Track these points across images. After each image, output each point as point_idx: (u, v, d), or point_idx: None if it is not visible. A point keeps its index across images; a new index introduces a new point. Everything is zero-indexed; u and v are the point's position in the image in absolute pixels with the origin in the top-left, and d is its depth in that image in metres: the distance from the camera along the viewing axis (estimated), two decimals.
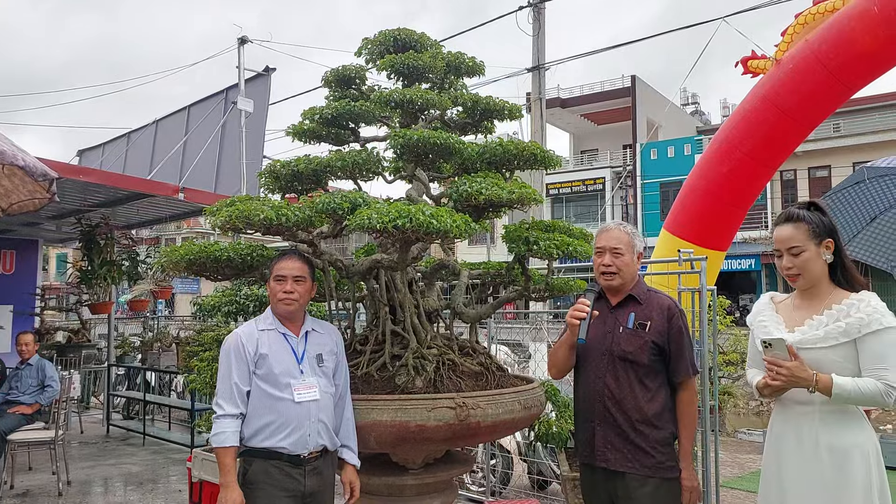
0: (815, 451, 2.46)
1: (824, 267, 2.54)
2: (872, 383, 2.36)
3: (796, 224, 2.55)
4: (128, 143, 12.29)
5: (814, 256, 2.52)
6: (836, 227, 2.57)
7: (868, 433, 2.46)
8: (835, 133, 28.12)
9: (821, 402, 2.45)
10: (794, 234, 2.54)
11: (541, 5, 11.09)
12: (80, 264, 9.39)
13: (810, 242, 2.52)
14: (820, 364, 2.45)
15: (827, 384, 2.39)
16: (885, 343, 2.39)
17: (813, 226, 2.53)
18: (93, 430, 9.17)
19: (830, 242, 2.52)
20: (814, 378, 2.40)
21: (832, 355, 2.45)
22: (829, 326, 2.46)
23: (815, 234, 2.52)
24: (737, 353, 11.88)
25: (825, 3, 7.39)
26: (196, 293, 36.12)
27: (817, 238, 2.52)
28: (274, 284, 2.84)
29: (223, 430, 2.69)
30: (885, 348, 2.38)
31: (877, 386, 2.36)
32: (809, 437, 2.48)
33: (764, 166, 8.01)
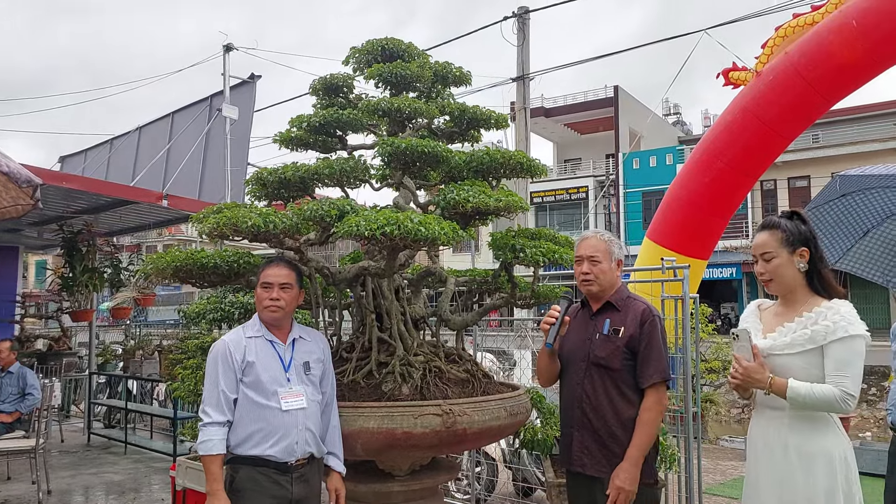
0: (784, 455, 2.51)
1: (797, 274, 2.58)
2: (829, 389, 2.40)
3: (771, 231, 2.61)
4: (110, 149, 12.21)
5: (785, 263, 2.57)
6: (813, 237, 2.61)
7: (836, 439, 2.49)
8: (814, 144, 28.54)
9: (791, 408, 2.50)
10: (767, 240, 2.61)
11: (525, 16, 11.19)
12: (61, 271, 9.30)
13: (783, 250, 2.57)
14: (788, 370, 2.50)
15: (781, 387, 2.45)
16: (847, 351, 2.43)
17: (787, 234, 2.58)
18: (73, 439, 9.05)
19: (805, 251, 2.56)
20: (768, 380, 2.47)
21: (799, 361, 2.50)
22: (796, 333, 2.52)
23: (789, 241, 2.57)
24: (718, 360, 11.99)
25: (805, 16, 7.53)
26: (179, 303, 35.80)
27: (790, 246, 2.57)
28: (260, 291, 2.84)
29: (210, 437, 2.68)
30: (847, 356, 2.43)
31: (833, 392, 2.39)
32: (779, 441, 2.53)
33: (745, 176, 8.12)
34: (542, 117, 33.67)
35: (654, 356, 2.85)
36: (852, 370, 2.42)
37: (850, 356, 2.43)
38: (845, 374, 2.41)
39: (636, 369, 2.87)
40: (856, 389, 2.41)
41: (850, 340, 2.43)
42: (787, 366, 2.51)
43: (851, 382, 2.40)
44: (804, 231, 2.60)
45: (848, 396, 2.39)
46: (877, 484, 4.34)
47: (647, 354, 2.85)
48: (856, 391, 2.41)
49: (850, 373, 2.41)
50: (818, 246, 2.61)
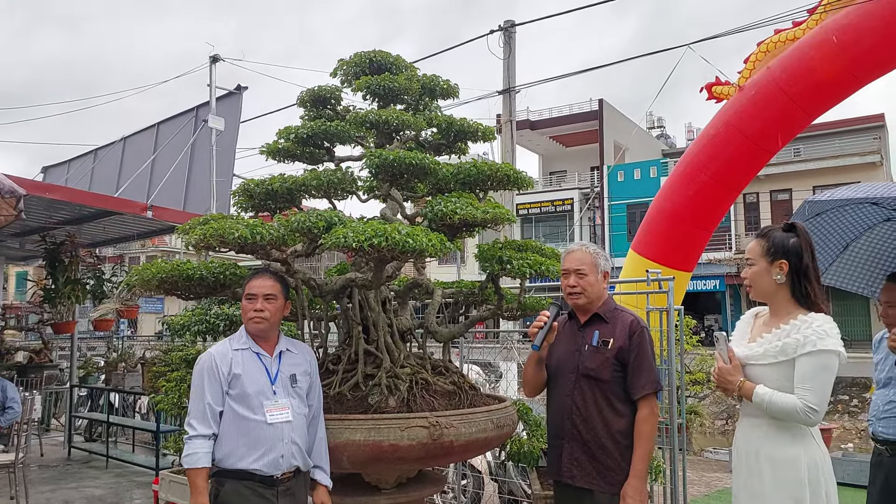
0: (756, 462, 2.57)
1: (773, 284, 2.62)
2: (791, 400, 2.46)
3: (759, 240, 2.69)
4: (94, 159, 12.12)
5: (762, 272, 2.64)
6: (797, 251, 2.62)
7: (808, 448, 2.52)
8: (795, 158, 28.89)
9: (768, 417, 2.55)
10: (753, 247, 2.69)
11: (511, 30, 11.27)
12: (43, 283, 9.20)
13: (762, 259, 2.64)
14: (762, 379, 2.57)
15: (749, 391, 2.54)
16: (814, 365, 2.46)
17: (770, 245, 2.63)
18: (53, 453, 8.92)
19: (784, 264, 2.60)
20: (738, 384, 2.58)
21: (771, 372, 2.55)
22: (770, 345, 2.57)
23: (769, 252, 2.62)
24: (703, 372, 12.05)
25: (786, 32, 7.65)
26: (161, 313, 35.48)
27: (770, 256, 2.62)
28: (245, 303, 2.83)
29: (195, 450, 2.65)
30: (813, 370, 2.46)
31: (794, 403, 2.44)
32: (754, 449, 2.59)
33: (728, 189, 8.22)
34: (528, 130, 33.86)
35: (646, 367, 2.88)
36: (816, 384, 2.45)
37: (816, 370, 2.46)
38: (809, 388, 2.44)
39: (626, 381, 2.89)
40: (818, 403, 2.44)
41: (818, 355, 2.46)
42: (762, 376, 2.57)
43: (814, 396, 2.43)
44: (789, 244, 2.62)
45: (809, 409, 2.43)
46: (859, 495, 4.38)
47: (639, 366, 2.87)
48: (818, 405, 2.44)
49: (814, 386, 2.44)
50: (804, 260, 2.62)
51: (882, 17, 6.69)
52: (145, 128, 11.43)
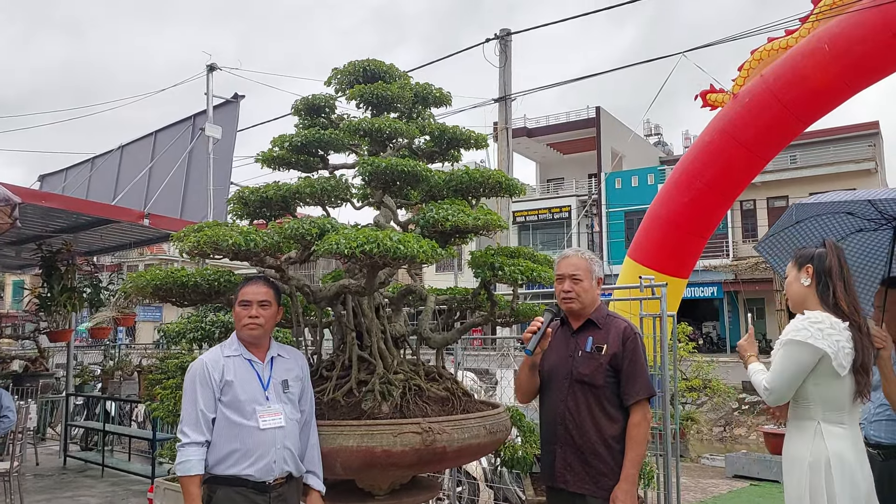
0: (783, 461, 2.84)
1: (802, 288, 2.86)
2: (758, 378, 2.82)
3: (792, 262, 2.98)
4: (91, 168, 12.14)
5: (792, 280, 2.92)
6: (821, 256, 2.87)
7: (814, 446, 2.69)
8: (791, 164, 29.02)
9: (790, 418, 2.82)
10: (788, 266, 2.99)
11: (507, 38, 11.33)
12: (39, 291, 9.20)
13: (793, 269, 2.93)
14: None
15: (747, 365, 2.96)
16: (779, 352, 2.76)
17: (798, 256, 2.95)
18: (49, 462, 8.90)
19: (809, 268, 2.85)
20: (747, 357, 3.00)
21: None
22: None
23: (797, 261, 2.92)
24: (699, 379, 12.06)
25: (779, 40, 7.70)
26: (159, 321, 35.43)
27: (799, 265, 2.90)
28: (239, 309, 2.84)
29: (188, 458, 2.66)
30: (777, 356, 2.77)
31: (760, 381, 2.81)
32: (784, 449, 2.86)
33: (723, 196, 8.25)
34: (525, 137, 33.96)
35: (639, 373, 2.90)
36: (776, 367, 2.75)
37: (779, 357, 2.75)
38: (770, 370, 2.78)
39: (619, 387, 2.90)
40: (771, 383, 2.74)
41: (784, 344, 2.75)
42: None
43: (770, 376, 2.76)
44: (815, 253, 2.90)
45: (764, 388, 2.77)
46: None
47: (632, 372, 2.90)
48: (770, 384, 2.74)
49: (774, 369, 2.76)
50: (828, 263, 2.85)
51: (873, 26, 6.75)
52: (142, 136, 11.45)
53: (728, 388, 12.95)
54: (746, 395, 15.72)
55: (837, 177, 26.81)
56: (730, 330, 29.58)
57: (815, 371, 2.67)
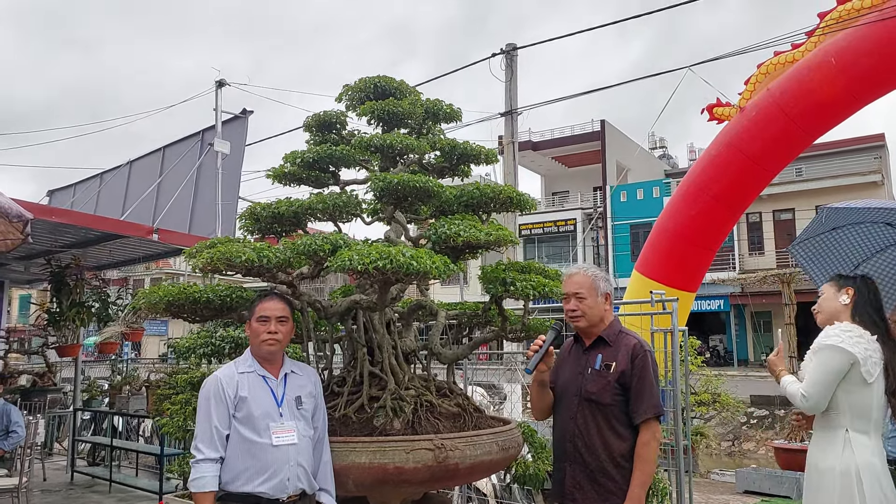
0: (809, 470, 2.90)
1: (839, 305, 3.00)
2: (794, 388, 2.90)
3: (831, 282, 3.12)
4: (100, 183, 12.20)
5: (830, 297, 3.06)
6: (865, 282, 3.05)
7: (845, 456, 2.75)
8: (797, 177, 28.97)
9: (817, 428, 2.91)
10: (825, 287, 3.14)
11: (513, 53, 11.38)
12: (47, 306, 9.22)
13: (831, 287, 3.10)
14: None
15: (779, 379, 3.04)
16: (815, 359, 2.88)
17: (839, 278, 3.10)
18: (56, 478, 8.88)
19: (850, 290, 3.00)
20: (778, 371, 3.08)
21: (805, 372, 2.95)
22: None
23: (839, 282, 3.09)
24: (708, 393, 11.98)
25: (785, 54, 7.72)
26: (164, 335, 35.45)
27: (839, 284, 3.08)
28: (257, 325, 2.84)
29: (203, 474, 2.65)
30: (812, 363, 2.89)
31: (795, 390, 2.89)
32: (810, 459, 2.92)
33: (730, 209, 8.25)
34: (530, 150, 34.03)
35: (647, 391, 2.86)
36: (812, 374, 2.85)
37: (814, 364, 2.91)
38: (805, 377, 2.87)
39: (628, 405, 2.88)
40: (808, 389, 2.83)
41: (818, 351, 2.88)
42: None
43: (806, 383, 2.85)
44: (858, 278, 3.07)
45: (801, 395, 2.85)
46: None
47: (640, 390, 2.86)
48: (807, 391, 2.83)
49: (810, 376, 2.85)
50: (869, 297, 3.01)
51: (879, 39, 6.76)
52: (151, 151, 11.52)
53: (737, 401, 12.86)
54: (755, 409, 15.61)
55: (843, 189, 26.75)
56: (737, 343, 29.44)
57: (846, 377, 2.80)
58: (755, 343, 28.52)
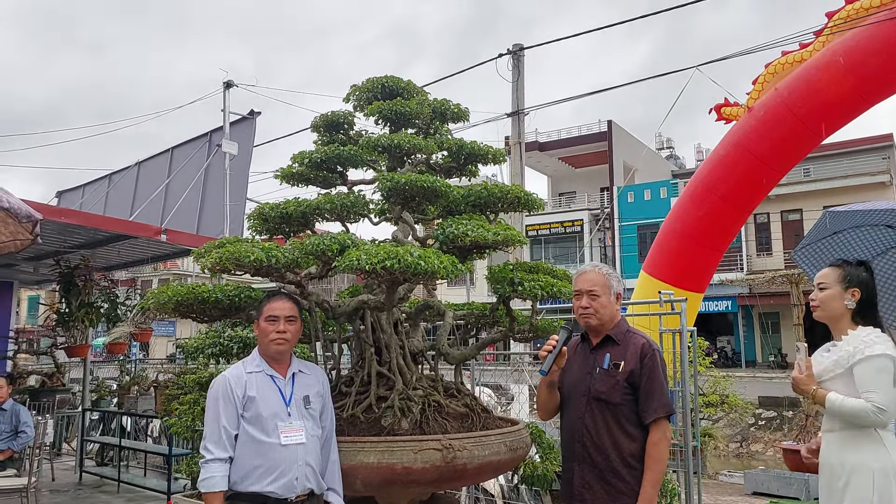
0: (833, 469, 2.79)
1: (842, 308, 2.88)
2: (860, 402, 2.69)
3: (834, 268, 2.96)
4: (109, 184, 12.27)
5: (834, 296, 2.91)
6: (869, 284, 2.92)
7: (879, 455, 2.70)
8: (805, 178, 28.85)
9: (840, 427, 2.79)
10: (827, 273, 2.96)
11: (520, 53, 11.38)
12: (56, 306, 9.26)
13: (837, 284, 2.91)
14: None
15: (821, 398, 2.80)
16: (869, 369, 2.72)
17: (847, 273, 2.91)
18: (65, 478, 8.92)
19: (856, 292, 2.87)
20: (813, 391, 2.85)
21: (834, 386, 2.82)
22: (828, 361, 2.85)
23: (845, 279, 2.90)
24: (717, 394, 11.94)
25: (793, 53, 7.69)
26: (172, 335, 35.58)
27: (845, 283, 2.89)
28: (265, 325, 2.84)
29: (212, 474, 2.66)
30: (870, 374, 2.72)
31: (864, 406, 2.68)
32: (834, 458, 2.81)
33: (738, 209, 8.22)
34: (537, 151, 34.01)
35: (657, 391, 2.85)
36: (878, 385, 2.69)
37: (872, 374, 2.71)
38: (872, 390, 2.69)
39: (638, 404, 2.87)
40: (884, 402, 2.66)
41: (870, 360, 2.73)
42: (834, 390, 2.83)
43: (878, 396, 2.67)
44: (863, 277, 2.92)
45: (877, 409, 2.66)
46: None
47: (650, 389, 2.85)
48: (884, 404, 2.66)
49: (877, 387, 2.69)
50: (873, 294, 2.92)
51: (888, 39, 6.73)
52: (160, 152, 11.57)
53: (745, 403, 12.81)
54: (763, 410, 15.54)
55: (852, 189, 26.63)
56: (745, 344, 29.33)
57: None
58: (763, 344, 28.40)
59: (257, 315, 2.90)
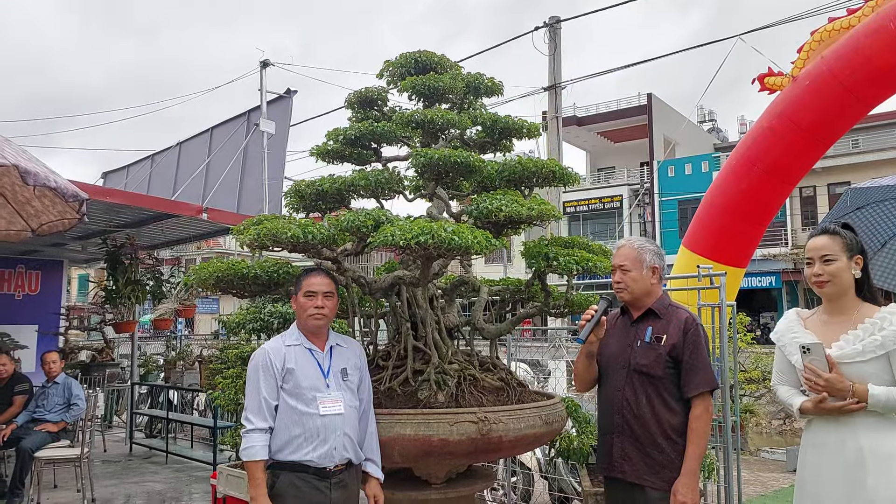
0: (857, 456, 2.53)
1: (851, 280, 2.65)
2: None
3: (832, 236, 2.70)
4: (152, 164, 12.54)
5: (844, 268, 2.65)
6: (863, 248, 2.70)
7: None
8: (854, 149, 27.95)
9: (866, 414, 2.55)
10: (828, 243, 2.68)
11: (556, 26, 11.21)
12: (104, 284, 9.55)
13: (843, 254, 2.65)
14: (860, 377, 2.55)
15: (863, 394, 2.51)
16: None
17: (847, 240, 2.68)
18: (116, 449, 9.25)
19: (860, 259, 2.66)
20: (850, 389, 2.53)
21: (869, 368, 2.55)
22: (865, 340, 2.56)
23: (849, 248, 2.66)
24: (759, 370, 11.77)
25: (840, 20, 7.42)
26: (216, 312, 36.36)
27: (849, 252, 2.66)
28: (304, 300, 2.90)
29: (253, 443, 2.74)
30: None
31: None
32: (853, 443, 2.55)
33: (782, 183, 8.01)
34: (575, 126, 33.57)
35: (701, 365, 2.84)
36: None
37: None
38: None
39: (679, 378, 2.86)
40: None
41: None
42: (859, 374, 2.56)
43: None
44: (858, 241, 2.71)
45: None
46: None
47: (693, 363, 2.84)
48: None
49: None
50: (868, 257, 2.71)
51: None
52: (200, 132, 11.76)
53: None
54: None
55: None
56: None
57: None
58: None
59: (296, 290, 2.95)
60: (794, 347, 2.71)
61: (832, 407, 2.57)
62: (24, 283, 10.11)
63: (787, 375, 2.83)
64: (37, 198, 5.17)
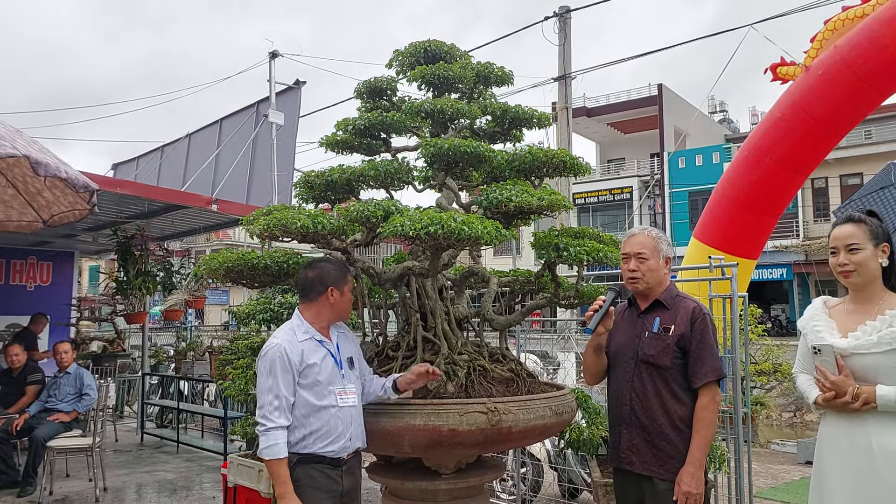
0: (868, 453, 2.46)
1: (878, 269, 2.57)
2: None
3: (857, 224, 2.61)
4: (161, 156, 12.57)
5: (870, 256, 2.56)
6: (889, 236, 2.62)
7: None
8: (866, 140, 27.71)
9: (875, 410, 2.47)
10: (854, 232, 2.59)
11: (566, 16, 11.14)
12: (115, 275, 9.60)
13: (869, 243, 2.57)
14: (874, 369, 2.47)
15: (870, 396, 2.43)
16: None
17: (873, 228, 2.59)
18: (127, 438, 9.33)
19: (886, 247, 2.58)
20: (854, 392, 2.46)
21: (885, 360, 2.46)
22: (882, 332, 2.48)
23: (875, 236, 2.58)
24: (770, 362, 11.71)
25: (854, 9, 7.33)
26: (226, 303, 36.54)
27: (875, 240, 2.57)
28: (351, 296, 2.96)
29: (275, 441, 2.72)
30: None
31: None
32: (863, 439, 2.48)
33: (794, 173, 7.94)
34: (585, 117, 33.43)
35: (708, 354, 2.82)
36: None
37: None
38: None
39: (687, 368, 2.85)
40: None
41: None
42: (874, 365, 2.48)
43: None
44: (884, 228, 2.62)
45: None
46: None
47: (700, 353, 2.82)
48: None
49: None
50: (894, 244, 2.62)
51: None
52: (209, 124, 11.77)
53: None
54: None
55: None
56: (800, 313, 28.51)
57: None
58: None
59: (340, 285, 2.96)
60: (813, 336, 2.66)
61: (840, 403, 2.52)
62: (36, 274, 10.18)
63: (807, 363, 2.75)
64: (48, 189, 5.20)
